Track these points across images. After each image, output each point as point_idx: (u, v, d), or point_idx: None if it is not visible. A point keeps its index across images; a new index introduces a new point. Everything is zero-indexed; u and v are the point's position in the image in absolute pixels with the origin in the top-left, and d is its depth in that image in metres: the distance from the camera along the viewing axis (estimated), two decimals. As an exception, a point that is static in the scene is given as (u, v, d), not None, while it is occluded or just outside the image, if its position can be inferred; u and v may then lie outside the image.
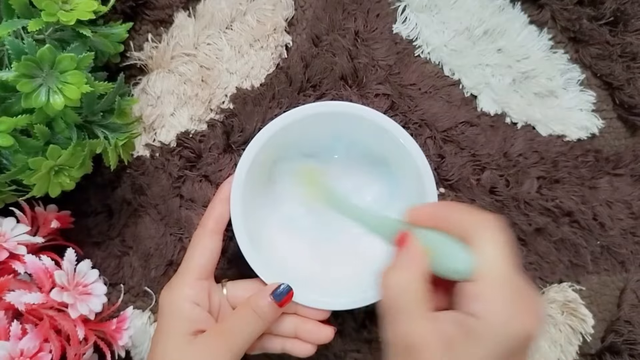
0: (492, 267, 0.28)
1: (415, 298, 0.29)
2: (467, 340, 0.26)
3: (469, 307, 0.27)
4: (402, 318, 0.28)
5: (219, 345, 0.34)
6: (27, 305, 0.34)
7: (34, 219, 0.40)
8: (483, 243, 0.28)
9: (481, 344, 0.26)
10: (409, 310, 0.28)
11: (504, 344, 0.26)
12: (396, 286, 0.29)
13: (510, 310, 0.26)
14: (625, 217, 0.45)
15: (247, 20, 0.44)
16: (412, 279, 0.29)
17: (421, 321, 0.28)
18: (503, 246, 0.28)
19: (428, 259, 0.30)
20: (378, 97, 0.44)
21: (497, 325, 0.26)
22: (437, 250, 0.30)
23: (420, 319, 0.28)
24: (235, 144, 0.44)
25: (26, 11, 0.32)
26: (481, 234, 0.29)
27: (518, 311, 0.27)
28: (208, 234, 0.37)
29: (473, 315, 0.27)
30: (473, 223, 0.30)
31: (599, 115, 0.46)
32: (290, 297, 0.36)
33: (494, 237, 0.28)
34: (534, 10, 0.46)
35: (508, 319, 0.26)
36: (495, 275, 0.27)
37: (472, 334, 0.26)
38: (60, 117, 0.34)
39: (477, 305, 0.27)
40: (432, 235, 0.31)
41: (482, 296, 0.27)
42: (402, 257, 0.31)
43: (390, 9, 0.45)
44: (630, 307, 0.45)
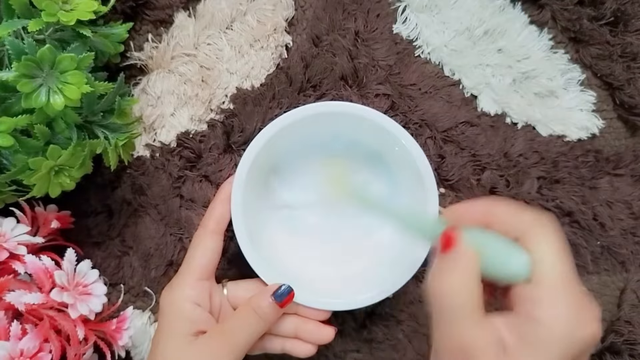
0: (551, 270, 0.26)
1: (469, 301, 0.27)
2: (526, 345, 0.25)
3: (527, 311, 0.26)
4: (456, 322, 0.27)
5: (220, 346, 0.34)
6: (27, 305, 0.34)
7: (34, 219, 0.40)
8: (540, 244, 0.27)
9: (541, 350, 0.25)
10: (463, 314, 0.27)
11: (565, 350, 0.25)
12: (449, 289, 0.27)
13: (573, 315, 0.25)
14: (625, 217, 0.45)
15: (247, 20, 0.44)
16: (466, 281, 0.28)
17: (477, 324, 0.27)
18: (561, 247, 0.27)
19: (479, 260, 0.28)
20: (378, 97, 0.44)
21: (560, 331, 0.25)
22: (488, 251, 0.28)
23: (475, 322, 0.27)
24: (235, 144, 0.43)
25: (26, 11, 0.32)
26: (537, 234, 0.27)
27: (580, 317, 0.25)
28: (209, 234, 0.37)
29: (533, 319, 0.26)
30: (527, 222, 0.28)
31: (599, 116, 0.46)
32: (291, 298, 0.36)
33: (551, 237, 0.27)
34: (535, 11, 0.46)
35: (571, 325, 0.25)
36: (556, 278, 0.26)
37: (531, 339, 0.25)
38: (60, 117, 0.34)
39: (537, 310, 0.26)
40: (481, 235, 0.29)
41: (542, 300, 0.26)
42: (452, 259, 0.29)
43: (391, 9, 0.45)
44: (630, 307, 0.45)
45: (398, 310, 0.44)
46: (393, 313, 0.44)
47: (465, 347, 0.26)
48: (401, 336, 0.44)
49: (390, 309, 0.44)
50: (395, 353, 0.44)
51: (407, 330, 0.44)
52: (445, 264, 0.29)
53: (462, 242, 0.29)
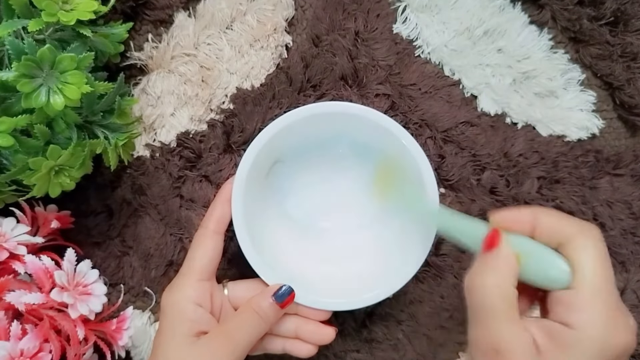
0: (591, 277, 0.27)
1: (505, 301, 0.28)
2: (559, 350, 0.26)
3: (563, 316, 0.27)
4: (491, 321, 0.28)
5: (222, 346, 0.34)
6: (27, 305, 0.34)
7: (34, 219, 0.40)
8: (581, 251, 0.27)
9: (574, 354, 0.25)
10: (499, 313, 0.28)
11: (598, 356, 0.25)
12: (486, 288, 0.28)
13: (609, 323, 0.26)
14: (625, 217, 0.45)
15: (247, 20, 0.44)
16: (503, 282, 0.28)
17: (511, 326, 0.27)
18: (602, 256, 0.27)
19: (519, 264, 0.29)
20: (378, 97, 0.44)
21: (594, 337, 0.25)
22: (529, 256, 0.29)
23: (510, 324, 0.27)
24: (235, 144, 0.43)
25: (26, 11, 0.32)
26: (580, 241, 0.28)
27: (616, 325, 0.26)
28: (209, 234, 0.37)
29: (568, 325, 0.26)
30: (570, 230, 0.29)
31: (599, 116, 0.46)
32: (292, 299, 0.36)
33: (593, 245, 0.28)
34: (534, 11, 0.46)
35: (606, 332, 0.25)
36: (594, 285, 0.26)
37: (565, 344, 0.26)
38: (60, 117, 0.34)
39: (573, 316, 0.26)
40: (523, 240, 0.30)
41: (579, 306, 0.26)
42: (492, 259, 0.29)
43: (391, 9, 0.45)
44: (630, 307, 0.45)
45: (398, 310, 0.44)
46: (393, 313, 0.44)
47: (498, 347, 0.27)
48: (401, 336, 0.44)
49: (390, 309, 0.44)
50: (395, 353, 0.44)
51: (407, 330, 0.44)
52: (485, 264, 0.29)
53: (504, 244, 0.29)
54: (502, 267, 0.29)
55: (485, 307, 0.28)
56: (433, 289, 0.44)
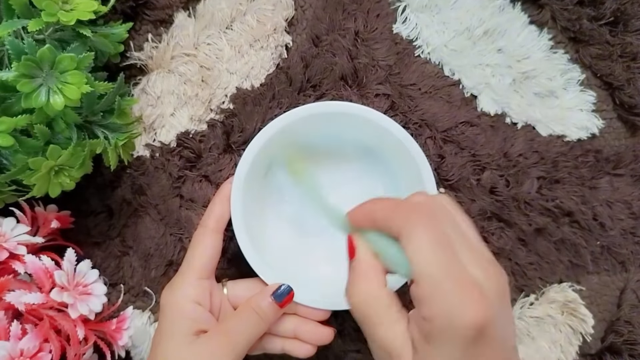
0: (421, 268, 0.26)
1: (380, 305, 0.28)
2: (427, 343, 0.26)
3: (419, 310, 0.27)
4: (375, 327, 0.28)
5: (221, 345, 0.34)
6: (27, 305, 0.34)
7: (34, 219, 0.40)
8: (408, 243, 0.27)
9: (439, 346, 0.26)
10: (378, 318, 0.28)
11: (457, 339, 0.25)
12: (359, 299, 0.29)
13: (450, 304, 0.25)
14: (625, 217, 0.45)
15: (247, 20, 0.44)
16: (372, 288, 0.29)
17: (391, 327, 0.28)
18: (430, 240, 0.27)
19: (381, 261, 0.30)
20: (378, 97, 0.44)
21: (443, 322, 0.25)
22: (382, 254, 0.30)
23: (391, 325, 0.28)
24: (235, 144, 0.43)
25: (26, 11, 0.32)
26: (408, 231, 0.27)
27: (459, 302, 0.25)
28: (209, 233, 0.37)
29: (423, 318, 0.26)
30: (398, 221, 0.28)
31: (599, 116, 0.46)
32: (291, 298, 0.36)
33: (420, 231, 0.27)
34: (534, 11, 0.46)
35: (455, 315, 0.25)
36: (427, 275, 0.26)
37: (428, 336, 0.26)
38: (60, 117, 0.34)
39: (422, 308, 0.26)
40: (376, 237, 0.30)
41: (423, 298, 0.26)
42: (354, 268, 0.30)
43: (390, 9, 0.45)
44: (630, 307, 0.45)
45: (398, 310, 0.44)
46: (393, 313, 0.44)
47: (387, 348, 0.28)
48: (401, 336, 0.44)
49: (390, 309, 0.44)
50: (395, 353, 0.44)
51: (407, 330, 0.44)
52: (351, 275, 0.30)
53: (359, 249, 0.30)
54: (363, 273, 0.29)
55: (366, 315, 0.29)
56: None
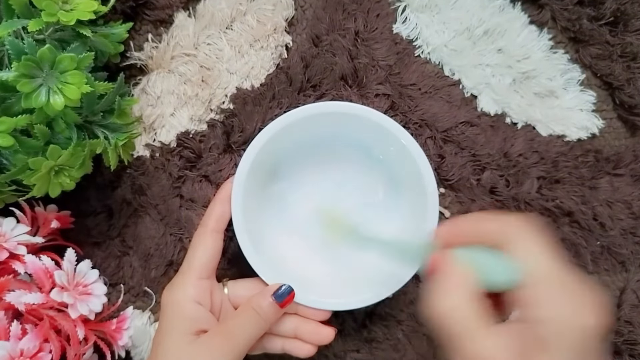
0: (539, 269, 0.27)
1: (472, 318, 0.27)
2: (540, 349, 0.26)
3: (530, 315, 0.26)
4: (466, 342, 0.27)
5: (221, 345, 0.34)
6: (27, 305, 0.34)
7: (34, 219, 0.40)
8: (522, 246, 0.28)
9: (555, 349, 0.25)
10: (470, 332, 0.27)
11: (577, 342, 0.25)
12: (452, 310, 0.28)
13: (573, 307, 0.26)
14: (625, 217, 0.45)
15: (247, 20, 0.44)
16: (463, 298, 0.28)
17: (487, 339, 0.27)
18: (543, 244, 0.27)
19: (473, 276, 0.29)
20: (378, 97, 0.44)
21: (566, 326, 0.25)
22: (478, 266, 0.29)
23: (485, 338, 0.27)
24: (235, 144, 0.43)
25: (26, 11, 0.32)
26: (517, 238, 0.28)
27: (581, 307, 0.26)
28: (209, 233, 0.37)
29: (537, 322, 0.26)
30: (506, 229, 0.29)
31: (599, 115, 0.46)
32: (291, 298, 0.36)
33: (531, 237, 0.28)
34: (534, 11, 0.46)
35: (574, 317, 0.25)
36: (545, 275, 0.27)
37: (543, 341, 0.26)
38: (60, 117, 0.34)
39: (538, 311, 0.26)
40: (468, 252, 0.30)
41: (539, 301, 0.26)
42: (444, 281, 0.29)
43: (390, 9, 0.45)
44: (630, 307, 0.45)
45: (398, 310, 0.44)
46: (393, 313, 0.44)
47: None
48: (401, 336, 0.44)
49: (390, 309, 0.44)
50: (395, 353, 0.44)
51: (407, 330, 0.44)
52: (440, 285, 0.29)
53: (451, 262, 0.29)
54: (457, 283, 0.29)
55: (456, 330, 0.28)
56: None
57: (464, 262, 0.29)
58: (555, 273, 0.27)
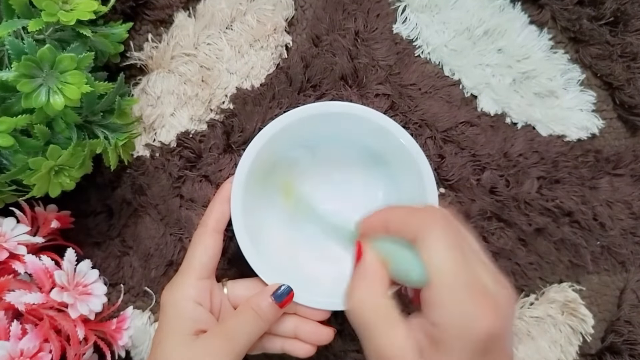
0: (440, 270, 0.26)
1: (381, 312, 0.28)
2: (435, 349, 0.26)
3: (429, 315, 0.27)
4: (374, 334, 0.28)
5: (221, 345, 0.34)
6: (27, 305, 0.34)
7: (34, 219, 0.40)
8: (427, 245, 0.27)
9: (448, 351, 0.25)
10: (378, 325, 0.28)
11: (469, 347, 0.25)
12: (360, 304, 0.29)
13: (467, 312, 0.25)
14: (625, 217, 0.45)
15: (247, 20, 0.44)
16: (374, 294, 0.29)
17: (393, 333, 0.27)
18: (447, 245, 0.27)
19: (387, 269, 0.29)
20: (378, 97, 0.44)
21: (457, 330, 0.25)
22: (392, 259, 0.29)
23: (391, 331, 0.27)
24: (235, 144, 0.43)
25: (26, 11, 0.32)
26: (424, 235, 0.27)
27: (474, 311, 0.25)
28: (209, 233, 0.37)
29: (433, 324, 0.26)
30: (416, 225, 0.28)
31: (599, 115, 0.46)
32: (290, 298, 0.36)
33: (437, 236, 0.27)
34: (534, 11, 0.46)
35: (467, 322, 0.25)
36: (445, 278, 0.26)
37: (438, 343, 0.26)
38: (60, 117, 0.34)
39: (434, 314, 0.26)
40: (386, 244, 0.30)
41: (436, 303, 0.26)
42: (359, 273, 0.30)
43: (391, 9, 0.45)
44: (630, 307, 0.45)
45: (398, 310, 0.44)
46: (393, 313, 0.44)
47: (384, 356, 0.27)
48: (401, 336, 0.44)
49: (390, 309, 0.44)
50: (395, 353, 0.44)
51: (407, 330, 0.44)
52: (354, 279, 0.30)
53: (366, 255, 0.30)
54: (369, 277, 0.29)
55: (365, 320, 0.28)
56: None
57: (380, 253, 0.30)
58: (453, 277, 0.26)
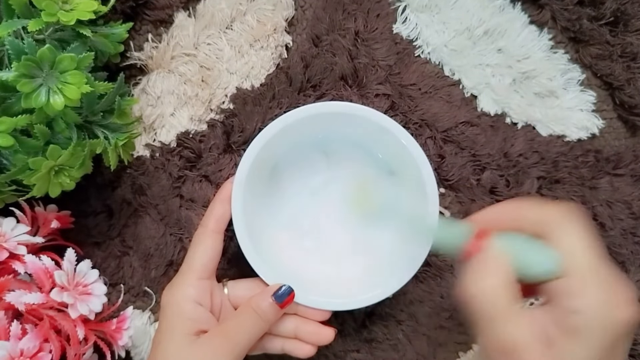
0: (579, 260, 0.27)
1: (506, 301, 0.28)
2: (569, 337, 0.26)
3: (566, 304, 0.27)
4: (497, 323, 0.28)
5: (221, 345, 0.34)
6: (27, 305, 0.34)
7: (34, 219, 0.40)
8: (564, 236, 0.28)
9: (584, 340, 0.26)
10: (502, 314, 0.28)
11: (607, 335, 0.26)
12: (485, 292, 0.28)
13: (610, 301, 0.26)
14: (625, 217, 0.45)
15: (247, 20, 0.44)
16: (500, 282, 0.28)
17: (518, 322, 0.27)
18: (585, 235, 0.27)
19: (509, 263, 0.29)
20: (378, 97, 0.44)
21: (599, 317, 0.26)
22: (517, 253, 0.29)
23: (516, 321, 0.27)
24: (235, 144, 0.43)
25: (26, 11, 0.32)
26: (560, 226, 0.28)
27: (617, 301, 0.26)
28: (209, 233, 0.37)
29: (572, 311, 0.26)
30: (549, 217, 0.29)
31: (599, 115, 0.46)
32: (291, 299, 0.36)
33: (574, 227, 0.28)
34: (534, 11, 0.46)
35: (610, 310, 0.26)
36: (585, 267, 0.27)
37: (573, 330, 0.26)
38: (60, 117, 0.34)
39: (575, 302, 0.26)
40: (507, 238, 0.30)
41: (579, 291, 0.26)
42: (483, 262, 0.29)
43: (391, 9, 0.45)
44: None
45: (398, 310, 0.44)
46: (393, 313, 0.44)
47: (511, 345, 0.27)
48: (401, 336, 0.44)
49: (390, 309, 0.44)
50: (395, 353, 0.44)
51: (407, 330, 0.44)
52: (478, 267, 0.29)
53: (491, 246, 0.29)
54: (495, 267, 0.29)
55: (487, 311, 0.28)
56: (433, 289, 0.44)
57: (501, 248, 0.29)
58: (593, 265, 0.27)
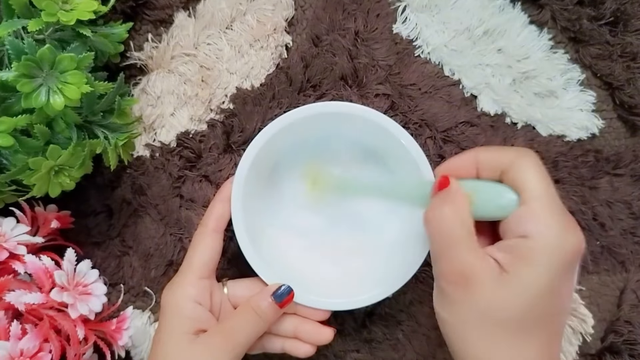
0: (537, 190, 0.28)
1: (464, 228, 0.29)
2: (521, 261, 0.27)
3: (519, 230, 0.28)
4: (454, 250, 0.29)
5: (221, 345, 0.34)
6: (27, 305, 0.34)
7: (34, 219, 0.40)
8: (523, 171, 0.29)
9: (536, 262, 0.27)
10: (460, 240, 0.29)
11: (559, 258, 0.27)
12: (445, 219, 0.30)
13: (561, 228, 0.27)
14: (625, 217, 0.45)
15: (247, 20, 0.44)
16: (460, 212, 0.30)
17: (473, 251, 0.29)
18: (540, 170, 0.29)
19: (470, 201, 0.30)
20: (378, 97, 0.44)
21: (551, 241, 0.27)
22: (478, 193, 0.31)
23: (472, 249, 0.29)
24: (235, 144, 0.44)
25: (26, 11, 0.32)
26: (520, 163, 0.29)
27: (567, 229, 0.27)
28: (209, 233, 0.37)
29: (525, 236, 0.27)
30: (509, 156, 0.30)
31: (599, 115, 0.46)
32: (291, 298, 0.36)
33: (528, 163, 0.29)
34: (534, 10, 0.46)
35: (561, 236, 0.27)
36: (542, 196, 0.28)
37: (526, 254, 0.27)
38: (60, 117, 0.34)
39: (528, 226, 0.28)
40: (468, 182, 0.32)
41: (532, 217, 0.28)
42: (445, 194, 0.31)
43: (390, 9, 0.45)
44: (630, 307, 0.45)
45: (398, 310, 0.44)
46: (393, 313, 0.44)
47: (465, 272, 0.28)
48: (401, 336, 0.44)
49: (390, 309, 0.44)
50: (395, 353, 0.44)
51: (407, 330, 0.44)
52: (440, 199, 0.31)
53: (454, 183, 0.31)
54: (457, 199, 0.30)
55: (446, 236, 0.29)
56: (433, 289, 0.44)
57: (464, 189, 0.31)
58: (546, 194, 0.28)
